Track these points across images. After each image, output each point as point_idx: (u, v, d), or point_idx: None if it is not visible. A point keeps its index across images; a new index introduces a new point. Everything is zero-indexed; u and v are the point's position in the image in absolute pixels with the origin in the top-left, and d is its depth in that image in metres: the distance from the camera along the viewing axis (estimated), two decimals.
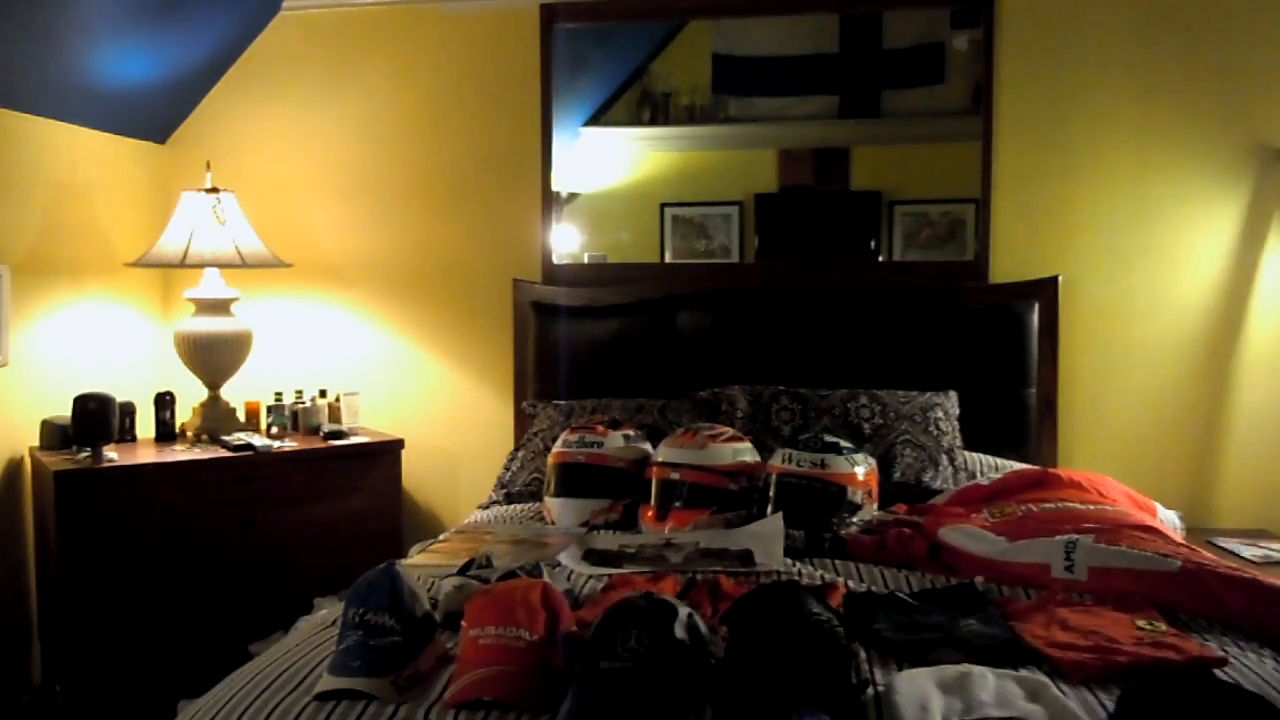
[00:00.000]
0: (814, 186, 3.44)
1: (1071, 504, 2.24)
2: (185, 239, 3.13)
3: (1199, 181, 3.11)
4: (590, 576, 2.02)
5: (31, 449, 3.02)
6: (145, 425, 3.27)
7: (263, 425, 3.37)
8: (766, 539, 2.20)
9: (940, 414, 2.86)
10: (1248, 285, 3.10)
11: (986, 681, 1.41)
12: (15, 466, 3.02)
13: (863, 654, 1.55)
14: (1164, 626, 1.65)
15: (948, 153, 3.35)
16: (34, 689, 3.00)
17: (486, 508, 2.84)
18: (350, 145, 3.56)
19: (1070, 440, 3.17)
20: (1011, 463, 2.88)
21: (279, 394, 3.41)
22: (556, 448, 2.65)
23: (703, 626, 1.47)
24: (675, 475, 2.44)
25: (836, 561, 2.12)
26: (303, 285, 3.56)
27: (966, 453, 2.87)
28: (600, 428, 2.64)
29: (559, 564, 2.10)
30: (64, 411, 2.94)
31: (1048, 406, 3.13)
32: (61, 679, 2.82)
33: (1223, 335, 3.12)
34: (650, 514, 2.44)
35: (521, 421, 3.35)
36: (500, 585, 1.64)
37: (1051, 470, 2.53)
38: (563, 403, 3.13)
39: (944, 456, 2.76)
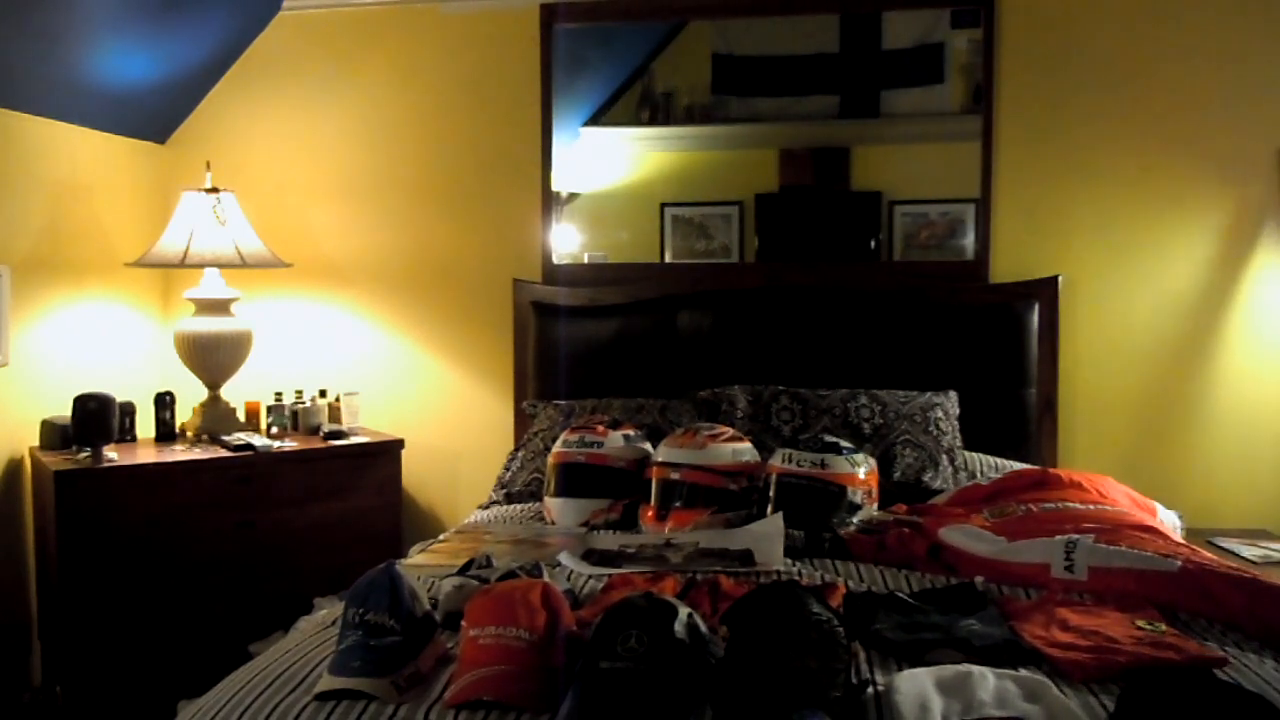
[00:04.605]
0: (814, 186, 3.44)
1: (1071, 504, 2.24)
2: (185, 239, 3.13)
3: (1199, 181, 3.11)
4: (590, 576, 2.02)
5: (31, 449, 3.02)
6: (145, 425, 3.27)
7: (263, 425, 3.37)
8: (766, 539, 2.20)
9: (940, 414, 2.86)
10: (1247, 285, 3.11)
11: (986, 681, 1.41)
12: (15, 466, 3.02)
13: (863, 654, 1.55)
14: (1164, 626, 1.65)
15: (948, 153, 3.35)
16: (34, 689, 3.00)
17: (486, 508, 2.84)
18: (350, 145, 3.56)
19: (1070, 440, 3.17)
20: (1011, 463, 2.88)
21: (279, 394, 3.41)
22: (556, 448, 2.65)
23: (703, 626, 1.46)
24: (675, 475, 2.44)
25: (836, 561, 2.12)
26: (303, 285, 3.56)
27: (966, 453, 2.88)
28: (600, 428, 2.64)
29: (559, 564, 2.10)
30: (64, 411, 2.94)
31: (1048, 406, 3.13)
32: (61, 679, 2.82)
33: (1223, 335, 3.12)
34: (650, 514, 2.44)
35: (521, 421, 3.35)
36: (500, 585, 1.64)
37: (1051, 470, 2.52)
38: (563, 403, 3.13)
39: (944, 456, 2.76)
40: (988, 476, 2.62)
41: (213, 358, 3.23)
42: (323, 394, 3.44)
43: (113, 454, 2.92)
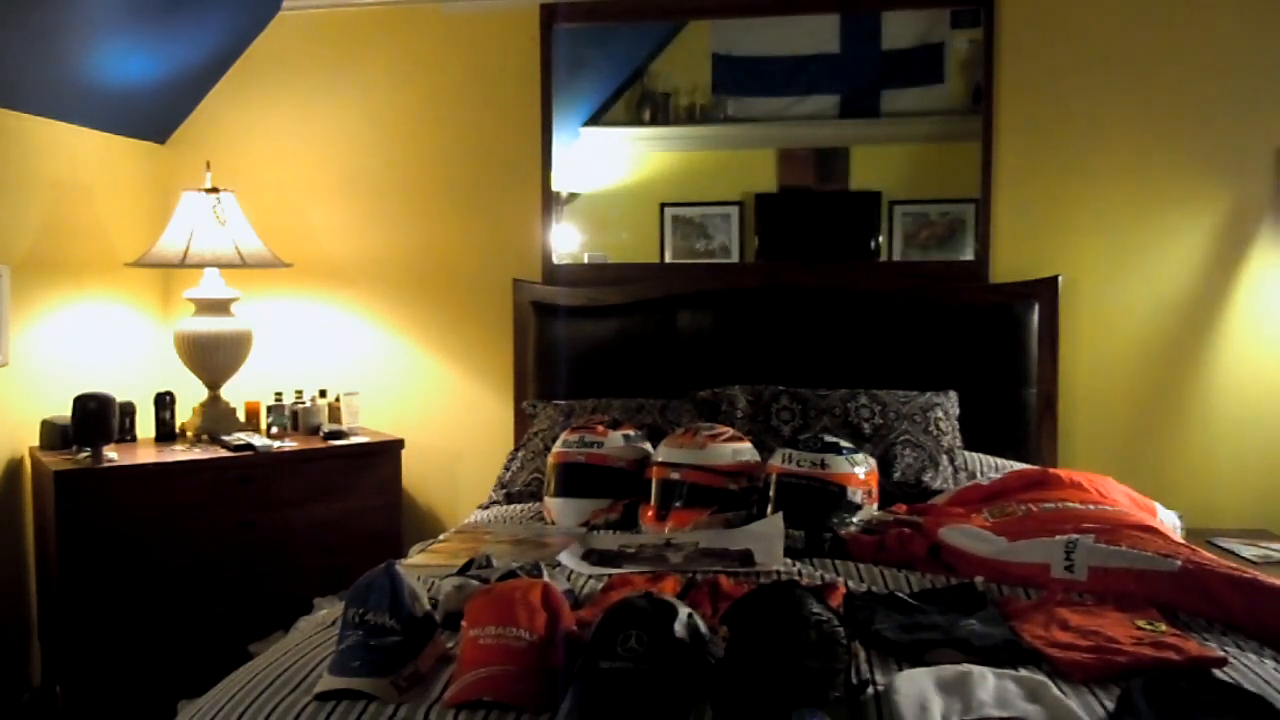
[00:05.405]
0: (814, 186, 3.44)
1: (1071, 504, 2.24)
2: (185, 239, 3.13)
3: (1198, 181, 3.11)
4: (590, 576, 2.02)
5: (31, 449, 3.02)
6: (145, 425, 3.27)
7: (263, 425, 3.37)
8: (766, 539, 2.20)
9: (940, 414, 2.86)
10: (1247, 285, 3.11)
11: (986, 681, 1.41)
12: (15, 466, 3.02)
13: (863, 654, 1.55)
14: (1164, 626, 1.65)
15: (948, 153, 3.35)
16: (34, 689, 3.00)
17: (486, 508, 2.84)
18: (350, 145, 3.56)
19: (1070, 440, 3.17)
20: (1011, 463, 2.88)
21: (279, 394, 3.41)
22: (556, 448, 2.65)
23: (703, 626, 1.47)
24: (675, 475, 2.44)
25: (836, 561, 2.12)
26: (303, 285, 3.56)
27: (966, 453, 2.88)
28: (600, 428, 2.64)
29: (559, 564, 2.10)
30: (64, 411, 2.94)
31: (1048, 406, 3.13)
32: (61, 679, 2.82)
33: (1222, 334, 3.12)
34: (650, 514, 2.44)
35: (521, 421, 3.35)
36: (500, 585, 1.63)
37: (1051, 470, 2.52)
38: (563, 403, 3.13)
39: (944, 456, 2.76)
40: (988, 476, 2.62)
41: (213, 358, 3.23)
42: (323, 394, 3.44)
43: (113, 454, 2.92)
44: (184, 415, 3.33)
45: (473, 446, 3.51)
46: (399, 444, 3.32)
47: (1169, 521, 2.42)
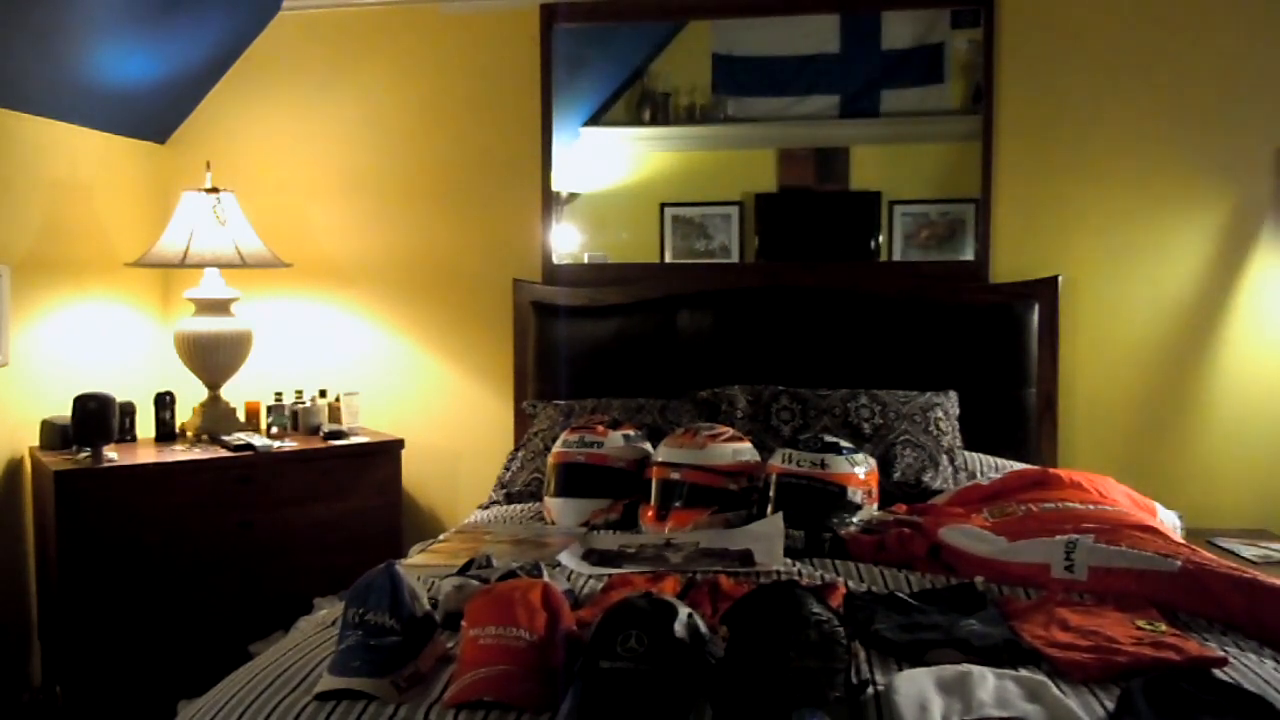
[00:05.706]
0: (814, 187, 3.44)
1: (1071, 504, 2.24)
2: (185, 239, 3.13)
3: (1198, 181, 3.11)
4: (590, 576, 2.02)
5: (31, 449, 3.02)
6: (145, 425, 3.27)
7: (263, 425, 3.37)
8: (766, 539, 2.20)
9: (940, 414, 2.86)
10: (1247, 285, 3.11)
11: (986, 681, 1.41)
12: (15, 466, 3.02)
13: (863, 654, 1.55)
14: (1164, 626, 1.65)
15: (948, 153, 3.35)
16: (34, 689, 3.00)
17: (486, 508, 2.84)
18: (350, 145, 3.56)
19: (1070, 440, 3.17)
20: (1011, 463, 2.88)
21: (279, 394, 3.41)
22: (556, 448, 2.65)
23: (703, 626, 1.47)
24: (675, 475, 2.44)
25: (836, 561, 2.12)
26: (303, 285, 3.56)
27: (966, 453, 2.88)
28: (600, 428, 2.64)
29: (559, 564, 2.10)
30: (64, 411, 2.94)
31: (1048, 406, 3.13)
32: (61, 679, 2.82)
33: (1223, 334, 3.12)
34: (650, 514, 2.44)
35: (521, 421, 3.35)
36: (500, 585, 1.63)
37: (1051, 470, 2.52)
38: (563, 403, 3.13)
39: (944, 456, 2.76)
40: (988, 476, 2.62)
41: (213, 358, 3.24)
42: (323, 394, 3.44)
43: (113, 454, 2.92)
44: (184, 415, 3.33)
45: (473, 446, 3.51)
46: (399, 444, 3.32)
47: (1169, 521, 2.42)
